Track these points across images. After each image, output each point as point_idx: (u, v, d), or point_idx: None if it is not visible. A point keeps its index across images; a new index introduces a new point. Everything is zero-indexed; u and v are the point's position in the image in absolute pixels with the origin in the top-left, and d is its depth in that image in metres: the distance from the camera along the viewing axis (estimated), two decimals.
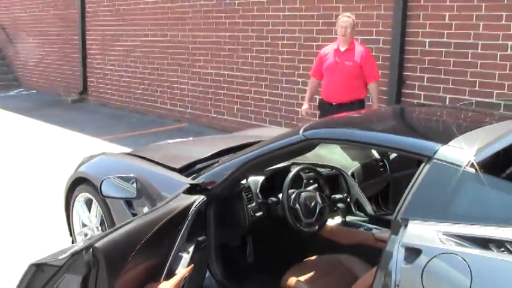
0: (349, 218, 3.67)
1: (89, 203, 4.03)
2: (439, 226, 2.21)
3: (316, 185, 3.51)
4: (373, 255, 2.90)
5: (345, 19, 5.82)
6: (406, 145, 2.57)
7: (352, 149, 4.23)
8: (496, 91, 6.24)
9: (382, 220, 3.62)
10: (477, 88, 6.41)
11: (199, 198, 2.94)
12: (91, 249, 2.25)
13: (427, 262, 2.14)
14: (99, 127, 9.88)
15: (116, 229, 2.47)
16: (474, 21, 6.33)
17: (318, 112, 6.26)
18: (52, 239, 4.62)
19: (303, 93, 8.25)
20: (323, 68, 5.91)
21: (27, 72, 15.58)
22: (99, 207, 3.84)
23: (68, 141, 8.92)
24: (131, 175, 3.21)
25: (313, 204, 3.29)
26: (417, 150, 2.46)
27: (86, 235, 4.08)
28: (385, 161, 4.24)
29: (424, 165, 2.36)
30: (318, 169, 3.62)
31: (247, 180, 3.34)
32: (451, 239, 2.15)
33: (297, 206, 3.21)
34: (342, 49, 5.81)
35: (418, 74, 6.96)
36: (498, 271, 2.01)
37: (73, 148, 8.33)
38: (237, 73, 9.32)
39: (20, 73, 15.89)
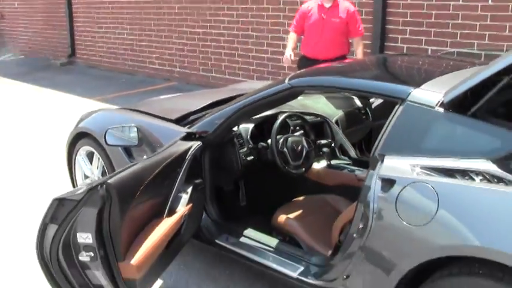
0: (333, 162, 3.97)
1: (90, 156, 4.27)
2: (411, 160, 2.50)
3: (302, 131, 3.79)
4: (356, 194, 3.19)
5: None
6: (382, 89, 2.85)
7: (336, 98, 4.51)
8: (477, 41, 6.49)
9: (364, 162, 3.90)
10: (458, 39, 6.65)
11: (195, 144, 3.22)
12: (105, 185, 2.53)
13: (400, 191, 2.43)
14: (89, 88, 10.06)
15: (125, 169, 2.74)
16: None
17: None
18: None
19: None
20: (307, 24, 5.85)
21: (14, 37, 15.61)
22: (100, 159, 4.08)
23: (60, 102, 9.12)
24: (133, 125, 3.47)
25: (299, 148, 3.57)
26: (392, 93, 2.73)
27: None
28: (367, 109, 4.52)
29: (398, 107, 2.63)
30: (304, 117, 3.89)
31: (238, 127, 3.62)
32: (421, 170, 2.44)
33: (285, 149, 3.49)
34: (327, 5, 5.75)
35: (400, 27, 7.19)
36: (461, 195, 2.30)
37: (66, 109, 8.55)
38: (223, 31, 9.50)
39: (8, 39, 15.93)
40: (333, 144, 3.98)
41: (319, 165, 3.94)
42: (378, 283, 2.55)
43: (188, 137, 3.34)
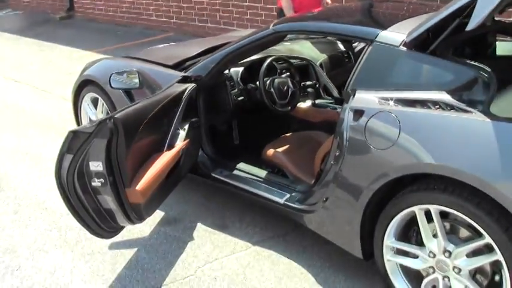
0: (318, 101, 4.34)
1: (95, 102, 4.61)
2: (378, 93, 2.85)
3: (288, 73, 4.14)
4: None
5: None
6: (354, 32, 3.20)
7: (321, 43, 4.84)
8: None
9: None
10: None
11: (190, 86, 3.58)
12: (112, 119, 2.89)
13: (368, 119, 2.80)
14: (89, 41, 10.32)
15: (129, 106, 3.10)
16: None
17: None
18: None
19: None
20: None
21: None
22: (104, 104, 4.43)
23: (62, 55, 9.42)
24: (134, 69, 3.82)
25: (285, 88, 3.93)
26: (362, 35, 3.07)
27: None
28: (350, 52, 4.86)
29: (368, 47, 2.98)
30: (290, 60, 4.23)
31: (229, 71, 3.98)
32: (387, 101, 2.79)
33: (272, 90, 3.85)
34: None
35: None
36: (419, 122, 2.66)
37: (68, 61, 8.87)
38: None
39: None
40: (317, 85, 4.34)
41: (304, 104, 4.31)
42: (352, 203, 2.93)
43: (184, 80, 3.69)
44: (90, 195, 2.96)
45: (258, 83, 3.89)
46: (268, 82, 3.86)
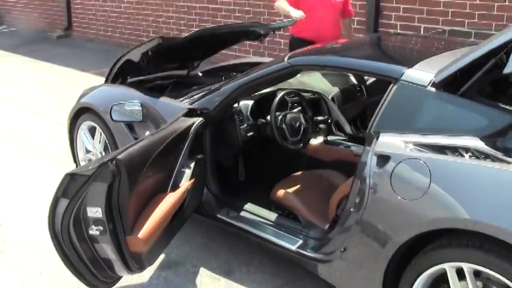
0: (330, 138, 4.11)
1: (92, 131, 4.37)
2: (405, 137, 2.62)
3: (300, 108, 3.91)
4: (352, 169, 3.23)
5: None
6: (377, 69, 2.96)
7: (332, 75, 4.62)
8: (468, 20, 6.58)
9: (359, 138, 4.03)
10: (450, 17, 6.74)
11: (197, 121, 3.34)
12: (115, 160, 2.64)
13: (395, 166, 2.56)
14: (86, 61, 10.10)
15: (133, 145, 2.85)
16: None
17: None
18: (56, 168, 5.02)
19: None
20: (307, 3, 5.30)
21: (9, 8, 15.54)
22: (102, 134, 4.19)
23: (57, 75, 9.17)
24: (137, 101, 3.57)
25: (297, 124, 3.69)
26: (386, 73, 2.84)
27: (89, 160, 4.47)
28: (362, 86, 4.63)
29: (392, 86, 2.75)
30: (302, 94, 4.00)
31: (238, 104, 3.74)
32: (414, 147, 2.56)
33: (283, 126, 3.62)
34: None
35: (394, 5, 7.25)
36: (452, 171, 2.43)
37: (64, 82, 8.63)
38: (220, 6, 9.53)
39: (2, 9, 15.85)
40: (329, 121, 4.11)
41: (316, 141, 4.08)
42: (374, 255, 2.68)
43: (190, 113, 3.45)
44: (87, 243, 2.70)
45: (269, 118, 3.66)
46: (280, 118, 3.63)
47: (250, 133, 3.72)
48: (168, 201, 2.97)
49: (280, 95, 3.69)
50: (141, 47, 4.06)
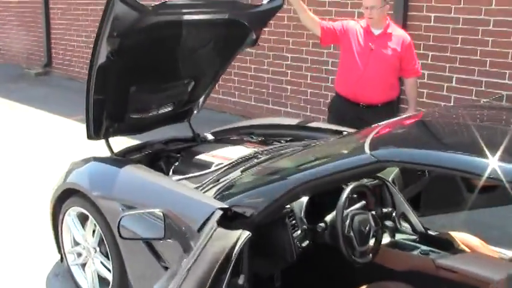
0: (399, 238, 3.15)
1: (82, 217, 3.44)
2: None
3: (364, 201, 2.96)
4: (435, 285, 2.53)
5: None
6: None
7: None
8: (509, 71, 5.80)
9: (435, 239, 3.12)
10: (488, 68, 5.95)
11: (242, 237, 2.37)
12: None
13: None
14: (67, 104, 9.08)
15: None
16: None
17: (327, 114, 4.89)
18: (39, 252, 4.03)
19: (291, 70, 7.74)
20: (345, 52, 4.54)
21: None
22: (97, 226, 3.25)
23: (35, 121, 8.18)
24: (158, 210, 2.58)
25: (367, 228, 2.76)
26: None
27: (79, 255, 3.51)
28: None
29: None
30: (364, 180, 3.07)
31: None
32: None
33: (351, 233, 2.68)
34: (376, 32, 4.44)
35: (421, 52, 6.44)
36: None
37: (42, 130, 7.65)
38: None
39: None
40: (393, 214, 3.17)
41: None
42: None
43: (224, 216, 2.52)
44: None
45: (327, 218, 2.74)
46: (347, 222, 2.69)
47: (306, 242, 2.76)
48: None
49: (347, 190, 2.76)
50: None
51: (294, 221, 2.75)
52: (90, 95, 3.39)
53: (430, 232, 3.21)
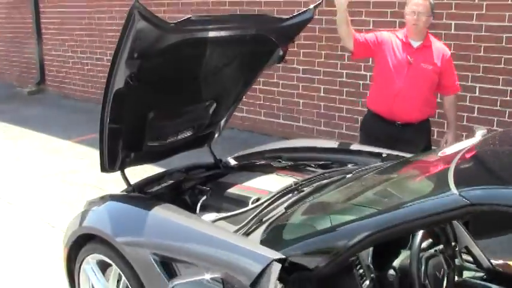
0: (466, 276, 2.78)
1: (101, 264, 3.04)
2: None
3: (430, 239, 2.58)
4: None
5: (418, 0, 4.02)
6: None
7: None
8: None
9: (504, 276, 2.75)
10: None
11: None
12: None
13: None
14: (66, 125, 8.71)
15: None
16: None
17: (359, 132, 4.60)
18: None
19: (302, 82, 7.37)
20: (382, 66, 4.17)
21: None
22: (123, 277, 2.84)
23: (31, 145, 7.73)
24: (218, 275, 2.17)
25: (441, 272, 2.40)
26: None
27: None
28: None
29: None
30: None
31: None
32: None
33: (427, 281, 2.30)
34: (415, 44, 4.09)
35: None
36: None
37: (38, 153, 7.21)
38: None
39: None
40: (456, 248, 2.79)
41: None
42: None
43: (282, 267, 2.14)
44: None
45: (396, 265, 2.37)
46: (422, 269, 2.31)
47: None
48: None
49: (420, 234, 2.37)
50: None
51: (361, 270, 2.37)
52: (105, 125, 3.00)
53: (492, 261, 2.84)
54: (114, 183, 3.54)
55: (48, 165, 6.71)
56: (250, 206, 2.99)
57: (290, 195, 3.00)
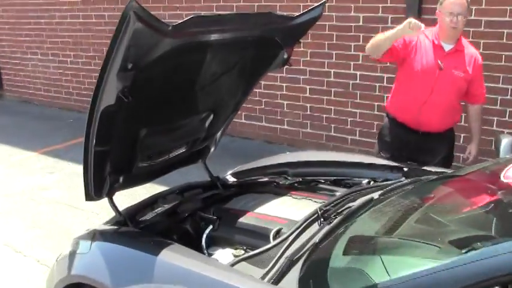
0: None
1: None
2: None
3: None
4: None
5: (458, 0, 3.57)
6: None
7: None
8: None
9: None
10: None
11: None
12: None
13: None
14: (29, 134, 8.04)
15: None
16: None
17: (376, 141, 4.21)
18: None
19: (309, 85, 6.83)
20: (407, 69, 3.76)
21: None
22: None
23: None
24: None
25: None
26: None
27: None
28: None
29: None
30: None
31: None
32: None
33: None
34: (447, 48, 3.68)
35: None
36: None
37: (4, 169, 6.56)
38: None
39: None
40: None
41: None
42: None
43: None
44: None
45: None
46: None
47: None
48: None
49: None
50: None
51: None
52: (90, 147, 2.53)
53: None
54: None
55: (12, 182, 6.07)
56: (273, 241, 2.53)
57: (315, 224, 2.59)
